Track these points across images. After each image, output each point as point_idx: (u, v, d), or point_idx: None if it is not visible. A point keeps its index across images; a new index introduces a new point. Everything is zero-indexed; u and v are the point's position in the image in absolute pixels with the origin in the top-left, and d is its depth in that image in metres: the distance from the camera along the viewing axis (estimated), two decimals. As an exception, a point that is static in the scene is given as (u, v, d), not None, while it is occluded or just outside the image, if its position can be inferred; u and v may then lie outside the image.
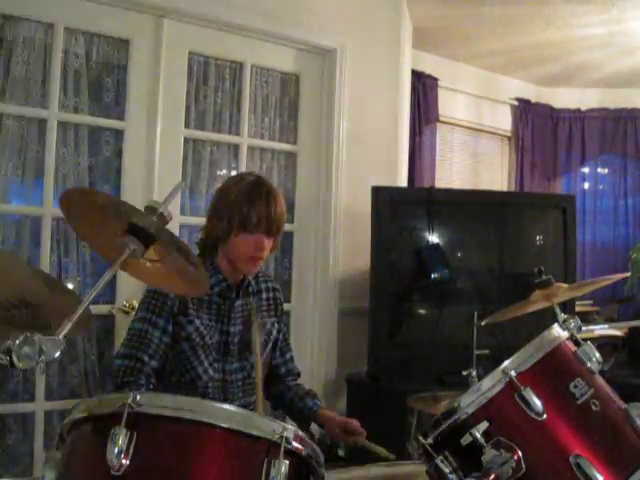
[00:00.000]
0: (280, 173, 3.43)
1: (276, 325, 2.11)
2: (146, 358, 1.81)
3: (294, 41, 3.34)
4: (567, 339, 1.37)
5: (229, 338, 1.96)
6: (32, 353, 1.04)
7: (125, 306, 2.86)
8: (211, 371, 1.91)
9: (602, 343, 3.62)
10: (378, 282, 3.23)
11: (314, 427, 2.00)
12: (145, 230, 1.24)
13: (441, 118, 4.61)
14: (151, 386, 1.80)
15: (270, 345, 2.09)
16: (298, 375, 2.21)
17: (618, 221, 5.23)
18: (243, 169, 3.23)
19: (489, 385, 1.24)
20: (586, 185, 5.37)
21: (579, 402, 1.25)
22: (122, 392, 1.57)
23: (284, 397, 2.12)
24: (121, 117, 2.94)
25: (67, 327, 1.10)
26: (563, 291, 2.10)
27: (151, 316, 1.85)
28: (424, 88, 4.41)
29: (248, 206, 1.86)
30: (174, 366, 1.90)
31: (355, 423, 1.91)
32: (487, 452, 1.18)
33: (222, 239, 1.93)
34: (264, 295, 2.09)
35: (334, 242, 3.41)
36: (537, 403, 1.21)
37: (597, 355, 1.35)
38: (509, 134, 5.16)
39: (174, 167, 3.05)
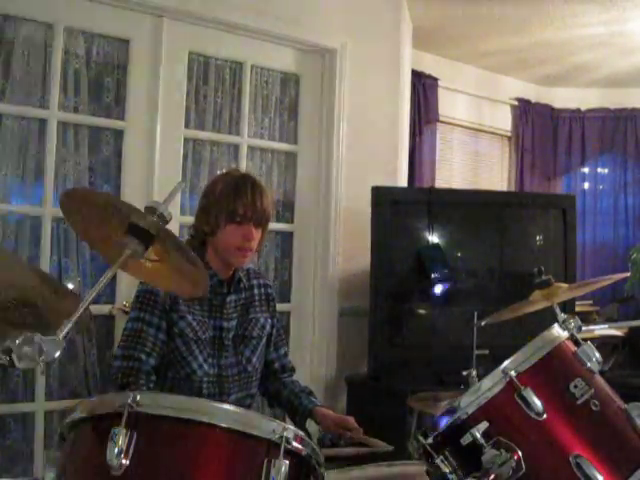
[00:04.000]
0: (280, 173, 3.43)
1: (269, 321, 2.12)
2: (144, 357, 1.82)
3: (294, 41, 3.34)
4: (567, 339, 1.37)
5: (223, 333, 1.97)
6: (32, 353, 1.04)
7: (125, 306, 2.86)
8: (206, 366, 1.92)
9: (602, 343, 3.62)
10: (378, 282, 3.23)
11: (312, 426, 2.00)
12: (145, 230, 1.24)
13: (441, 118, 4.61)
14: (151, 384, 1.81)
15: (264, 341, 2.09)
16: (293, 370, 2.21)
17: (618, 221, 5.23)
18: (243, 169, 3.22)
19: (489, 385, 1.24)
20: (586, 185, 5.37)
21: (579, 402, 1.25)
22: (122, 392, 1.57)
23: (280, 395, 2.13)
24: (121, 117, 2.94)
25: (67, 327, 1.10)
26: (563, 291, 2.10)
27: (144, 315, 1.87)
28: (424, 88, 4.40)
29: (234, 197, 1.91)
30: (169, 363, 1.91)
31: (351, 420, 1.93)
32: (487, 452, 1.18)
33: (211, 233, 1.95)
34: (255, 291, 2.10)
35: (334, 242, 3.41)
36: (537, 403, 1.21)
37: (597, 355, 1.35)
38: (509, 134, 5.16)
39: (174, 167, 3.05)
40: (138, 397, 1.12)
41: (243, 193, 1.91)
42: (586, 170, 5.36)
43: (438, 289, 3.15)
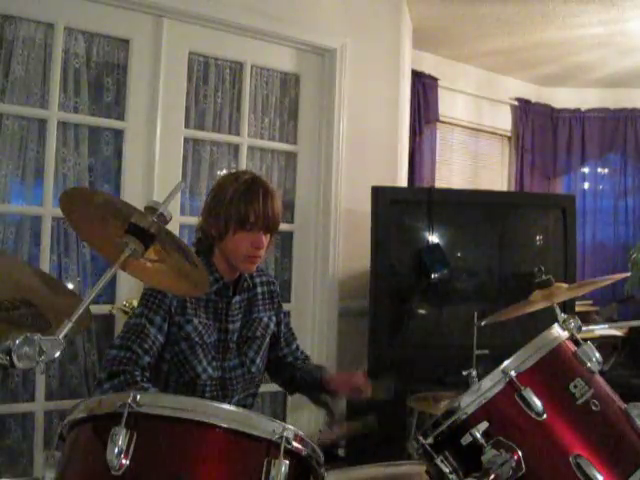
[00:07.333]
0: (280, 173, 3.43)
1: (274, 318, 2.12)
2: (141, 352, 1.80)
3: (294, 41, 3.34)
4: (567, 339, 1.37)
5: (228, 335, 1.97)
6: (32, 353, 1.04)
7: (125, 306, 2.86)
8: (210, 370, 1.92)
9: (602, 343, 3.62)
10: (378, 282, 3.23)
11: (323, 426, 2.01)
12: (145, 230, 1.24)
13: (441, 118, 4.61)
14: (145, 379, 1.80)
15: (268, 339, 2.09)
16: (307, 358, 2.24)
17: (618, 221, 5.23)
18: (244, 168, 3.22)
19: (489, 385, 1.24)
20: (586, 185, 5.37)
21: (579, 402, 1.25)
22: (122, 392, 1.57)
23: (294, 379, 2.15)
24: (121, 117, 2.93)
25: (67, 327, 1.10)
26: (563, 291, 2.10)
27: (149, 313, 1.86)
28: (424, 88, 4.41)
29: (246, 205, 1.87)
30: (173, 367, 1.90)
31: (359, 376, 1.99)
32: (487, 452, 1.18)
33: (219, 238, 1.93)
34: (259, 289, 2.09)
35: (334, 242, 3.41)
36: (537, 403, 1.21)
37: (597, 355, 1.35)
38: (509, 134, 5.17)
39: (174, 167, 3.04)
40: (138, 397, 1.11)
41: (255, 200, 1.87)
42: (586, 170, 5.36)
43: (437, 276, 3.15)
